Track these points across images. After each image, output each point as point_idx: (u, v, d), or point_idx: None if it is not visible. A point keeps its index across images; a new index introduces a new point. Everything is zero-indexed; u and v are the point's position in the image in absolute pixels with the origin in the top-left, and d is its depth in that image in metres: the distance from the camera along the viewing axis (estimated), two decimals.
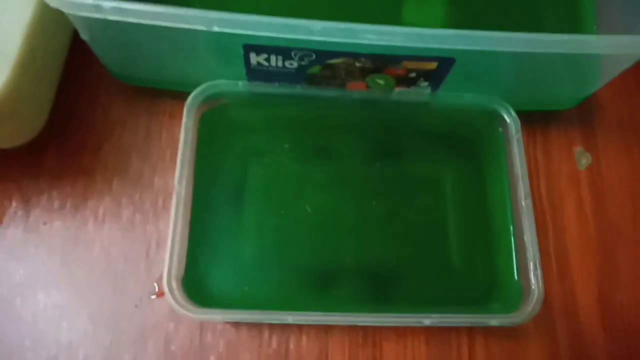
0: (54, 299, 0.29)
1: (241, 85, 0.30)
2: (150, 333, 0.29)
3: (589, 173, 0.34)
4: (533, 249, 0.29)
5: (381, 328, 0.30)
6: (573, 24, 0.35)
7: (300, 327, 0.29)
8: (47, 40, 0.29)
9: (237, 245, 0.29)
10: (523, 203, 0.30)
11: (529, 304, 0.28)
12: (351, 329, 0.30)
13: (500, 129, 0.32)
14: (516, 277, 0.30)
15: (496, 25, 0.35)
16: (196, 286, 0.28)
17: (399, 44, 0.25)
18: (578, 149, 0.35)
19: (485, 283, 0.30)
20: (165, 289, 0.26)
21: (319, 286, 0.29)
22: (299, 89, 0.31)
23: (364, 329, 0.30)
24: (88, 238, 0.30)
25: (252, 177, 0.31)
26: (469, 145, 0.33)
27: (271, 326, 0.29)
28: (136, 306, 0.29)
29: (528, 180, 0.30)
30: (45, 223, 0.30)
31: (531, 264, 0.28)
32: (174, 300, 0.26)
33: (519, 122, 0.31)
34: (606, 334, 0.30)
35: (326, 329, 0.30)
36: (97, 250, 0.30)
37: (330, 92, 0.31)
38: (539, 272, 0.28)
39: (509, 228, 0.31)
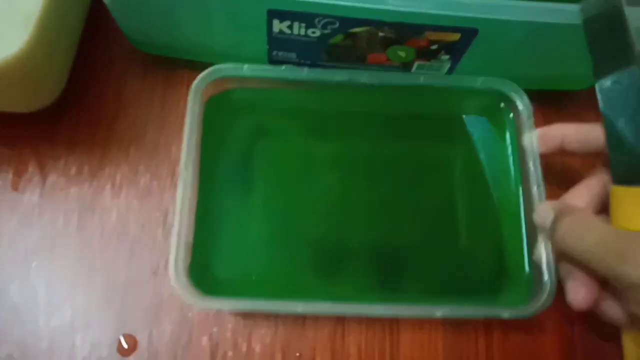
0: (70, 264, 0.29)
1: (246, 68, 0.30)
2: (167, 300, 0.29)
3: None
4: (545, 240, 0.28)
5: (398, 318, 0.29)
6: None
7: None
8: (67, 4, 0.28)
9: (244, 230, 0.29)
10: (535, 190, 0.29)
11: (541, 296, 0.27)
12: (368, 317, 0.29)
13: (512, 114, 0.32)
14: (527, 269, 0.29)
15: None
16: (203, 274, 0.27)
17: (426, 10, 0.25)
18: None
19: (496, 271, 0.30)
20: (172, 278, 0.25)
21: (328, 270, 0.29)
22: (305, 73, 0.30)
23: (381, 318, 0.29)
24: (105, 205, 0.30)
25: (259, 161, 0.30)
26: (479, 129, 0.33)
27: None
28: (153, 273, 0.29)
29: (540, 167, 0.29)
30: (61, 189, 0.30)
31: (543, 255, 0.28)
32: (181, 288, 0.25)
33: (531, 107, 0.31)
34: None
35: (342, 317, 0.29)
36: (114, 217, 0.30)
37: (337, 76, 0.30)
38: (551, 264, 0.27)
39: (520, 215, 0.30)
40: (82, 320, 0.28)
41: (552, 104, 0.35)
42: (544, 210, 0.27)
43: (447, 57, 0.30)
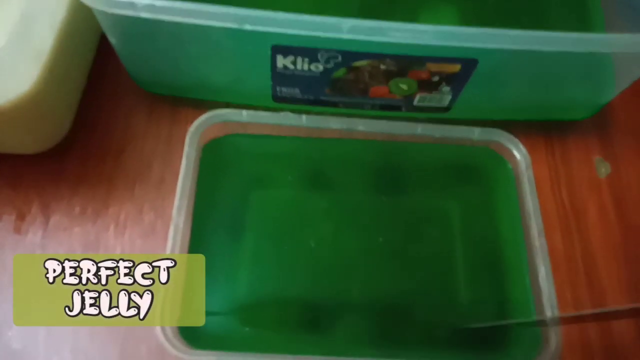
0: None
1: (245, 115, 0.30)
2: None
3: (610, 181, 0.34)
4: (550, 292, 0.27)
5: None
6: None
7: None
8: (76, 43, 0.29)
9: (235, 281, 0.28)
10: (537, 242, 0.28)
11: (547, 352, 0.26)
12: None
13: (510, 166, 0.32)
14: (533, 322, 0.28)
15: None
16: (192, 326, 0.26)
17: (426, 42, 0.26)
18: (597, 158, 0.35)
19: (499, 326, 0.28)
20: (158, 328, 0.24)
21: (322, 324, 0.28)
22: (303, 120, 0.30)
23: None
24: (108, 244, 0.29)
25: (254, 210, 0.30)
26: (478, 180, 0.32)
27: None
28: None
29: (541, 218, 0.29)
30: (65, 229, 0.30)
31: (548, 305, 0.27)
32: (166, 340, 0.24)
33: (529, 158, 0.31)
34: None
35: None
36: None
37: (334, 123, 0.30)
38: (557, 319, 0.26)
39: (523, 265, 0.29)
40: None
41: (555, 132, 0.35)
42: None
43: (448, 88, 0.31)
